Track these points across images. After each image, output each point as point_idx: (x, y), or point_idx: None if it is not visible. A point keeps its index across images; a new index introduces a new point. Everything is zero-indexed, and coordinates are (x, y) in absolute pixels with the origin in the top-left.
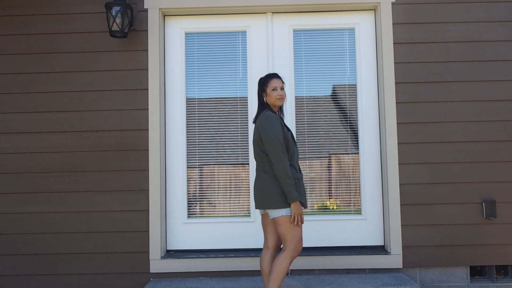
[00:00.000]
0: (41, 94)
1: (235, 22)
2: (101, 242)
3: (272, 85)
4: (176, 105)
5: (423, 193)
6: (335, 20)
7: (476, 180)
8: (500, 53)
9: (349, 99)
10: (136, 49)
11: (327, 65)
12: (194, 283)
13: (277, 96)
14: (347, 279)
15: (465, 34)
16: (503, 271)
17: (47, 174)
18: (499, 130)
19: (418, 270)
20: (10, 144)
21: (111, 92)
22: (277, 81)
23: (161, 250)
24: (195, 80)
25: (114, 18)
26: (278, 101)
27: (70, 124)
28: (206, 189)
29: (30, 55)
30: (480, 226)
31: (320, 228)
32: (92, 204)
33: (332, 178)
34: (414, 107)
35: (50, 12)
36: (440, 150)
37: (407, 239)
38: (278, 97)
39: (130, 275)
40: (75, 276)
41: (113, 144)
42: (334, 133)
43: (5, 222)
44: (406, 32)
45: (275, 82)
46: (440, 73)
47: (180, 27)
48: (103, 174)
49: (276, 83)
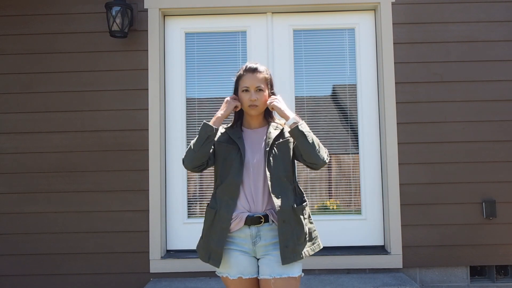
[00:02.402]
0: (41, 94)
1: (235, 22)
2: (101, 242)
3: (243, 84)
4: (176, 105)
5: (423, 193)
6: (335, 20)
7: (476, 180)
8: (500, 53)
9: (349, 99)
10: (136, 49)
11: (327, 65)
12: (194, 283)
13: (249, 102)
14: (347, 279)
15: (465, 34)
16: (503, 271)
17: (47, 174)
18: (499, 130)
19: (418, 270)
20: (10, 144)
21: (111, 92)
22: (251, 79)
23: (161, 250)
24: (195, 80)
25: (114, 18)
26: (250, 109)
27: (70, 124)
28: (206, 189)
29: (30, 55)
30: (480, 226)
31: (320, 228)
32: (92, 204)
33: (332, 178)
34: (414, 107)
35: (50, 12)
36: (440, 150)
37: (407, 239)
38: (249, 103)
39: (130, 275)
40: (75, 276)
41: (113, 144)
42: (334, 133)
43: (5, 222)
44: (406, 32)
45: (248, 80)
46: (440, 73)
47: (180, 27)
48: (103, 174)
49: (249, 82)
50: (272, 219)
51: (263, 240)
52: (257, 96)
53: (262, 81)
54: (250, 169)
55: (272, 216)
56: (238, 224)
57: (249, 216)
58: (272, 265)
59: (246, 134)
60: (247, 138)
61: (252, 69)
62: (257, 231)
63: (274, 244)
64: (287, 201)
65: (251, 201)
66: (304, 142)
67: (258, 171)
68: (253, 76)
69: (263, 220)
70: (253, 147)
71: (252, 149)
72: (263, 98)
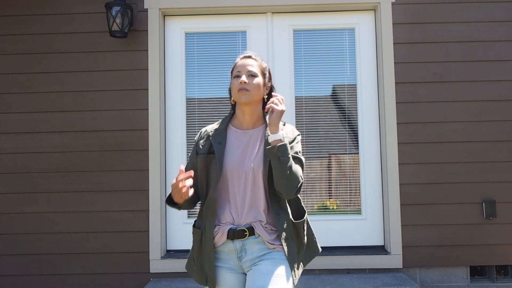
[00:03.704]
0: (41, 94)
1: (235, 22)
2: (101, 242)
3: (236, 70)
4: (176, 105)
5: (423, 193)
6: (335, 20)
7: (476, 180)
8: (500, 53)
9: (349, 99)
10: (136, 49)
11: (327, 65)
12: (194, 283)
13: (238, 86)
14: (347, 279)
15: (465, 34)
16: (503, 271)
17: (47, 174)
18: (499, 130)
19: (418, 270)
20: (10, 144)
21: (111, 92)
22: (243, 63)
23: (161, 250)
24: (195, 80)
25: (114, 18)
26: (239, 95)
27: (70, 124)
28: None
29: (30, 55)
30: (480, 226)
31: (320, 228)
32: (92, 204)
33: (332, 178)
34: (414, 107)
35: (50, 12)
36: (440, 150)
37: (407, 239)
38: (238, 87)
39: (130, 275)
40: (75, 276)
41: (113, 144)
42: (334, 133)
43: (5, 222)
44: (406, 32)
45: (240, 65)
46: (440, 73)
47: (180, 27)
48: (103, 174)
49: (241, 66)
50: (258, 233)
51: (249, 254)
52: (248, 80)
53: (256, 67)
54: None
55: (258, 228)
56: (221, 239)
57: (231, 229)
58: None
59: (234, 136)
60: (235, 141)
61: (246, 56)
62: (242, 245)
63: (261, 257)
64: (287, 217)
65: (235, 213)
66: (277, 166)
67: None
68: (246, 61)
69: (247, 233)
70: (243, 152)
71: (242, 154)
72: (256, 84)
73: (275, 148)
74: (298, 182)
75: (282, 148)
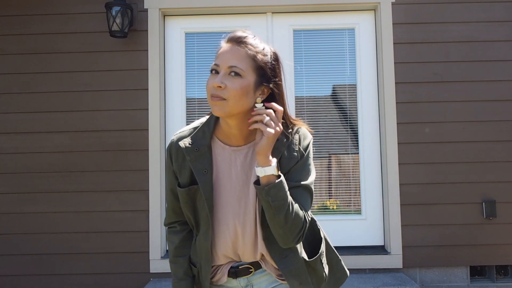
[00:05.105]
0: (41, 94)
1: (235, 22)
2: (101, 242)
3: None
4: (176, 105)
5: (423, 193)
6: (335, 20)
7: (476, 180)
8: (500, 53)
9: (349, 99)
10: (136, 49)
11: (327, 65)
12: None
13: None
14: (347, 279)
15: (465, 34)
16: (503, 271)
17: (47, 174)
18: (499, 130)
19: (418, 270)
20: (10, 144)
21: (111, 92)
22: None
23: (161, 250)
24: (195, 80)
25: (114, 18)
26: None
27: (70, 124)
28: None
29: (30, 55)
30: (480, 226)
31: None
32: (92, 204)
33: (332, 178)
34: (414, 107)
35: (50, 12)
36: (440, 150)
37: (407, 239)
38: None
39: (130, 275)
40: (75, 276)
41: (113, 144)
42: (334, 133)
43: (5, 222)
44: (406, 32)
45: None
46: (440, 73)
47: (180, 27)
48: (103, 174)
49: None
50: (266, 269)
51: None
52: (225, 82)
53: (245, 59)
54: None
55: (266, 265)
56: (221, 279)
57: (233, 268)
58: None
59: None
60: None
61: (235, 37)
62: (247, 281)
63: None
64: (297, 258)
65: (235, 251)
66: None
67: (252, 214)
68: (231, 47)
69: (253, 269)
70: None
71: (236, 185)
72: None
73: (263, 190)
74: (298, 229)
75: (273, 191)
